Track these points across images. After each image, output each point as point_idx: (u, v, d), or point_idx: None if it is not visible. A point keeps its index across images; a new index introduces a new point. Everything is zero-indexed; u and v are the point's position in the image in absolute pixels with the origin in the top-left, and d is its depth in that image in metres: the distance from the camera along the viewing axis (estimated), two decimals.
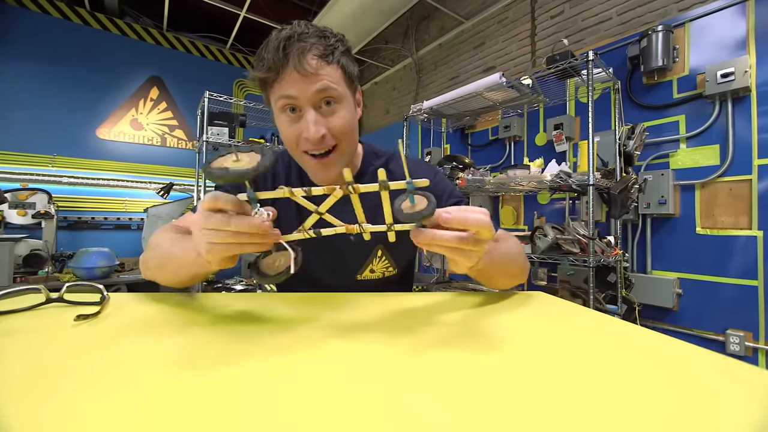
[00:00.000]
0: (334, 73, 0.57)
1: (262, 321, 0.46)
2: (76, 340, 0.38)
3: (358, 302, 0.56)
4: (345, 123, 0.59)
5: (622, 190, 1.40)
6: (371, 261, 0.72)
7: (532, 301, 0.64)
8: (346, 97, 0.59)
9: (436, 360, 0.32)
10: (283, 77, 0.55)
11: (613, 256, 1.46)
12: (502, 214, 2.49)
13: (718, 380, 0.30)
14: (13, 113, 2.58)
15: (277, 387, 0.26)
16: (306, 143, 0.58)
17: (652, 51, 1.69)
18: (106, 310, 0.48)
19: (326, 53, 0.56)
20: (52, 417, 0.22)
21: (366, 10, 3.02)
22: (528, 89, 1.73)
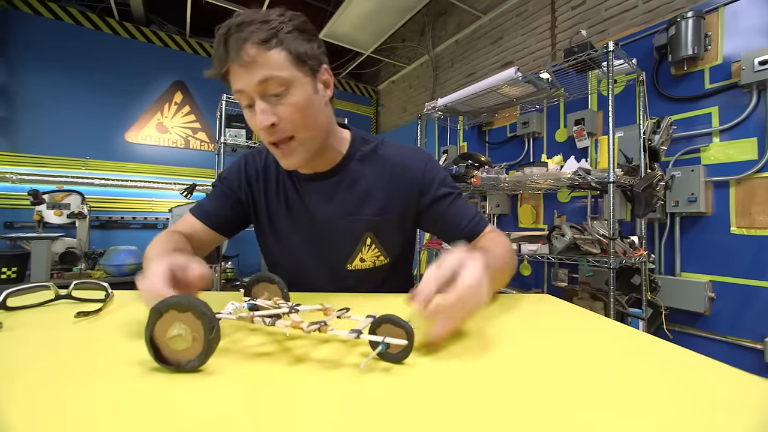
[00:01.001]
0: (276, 58, 0.54)
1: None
2: (73, 336, 0.39)
3: (352, 304, 0.55)
4: (295, 108, 0.57)
5: (646, 187, 1.33)
6: (360, 249, 0.70)
7: (537, 305, 0.61)
8: (296, 81, 0.56)
9: (433, 363, 0.31)
10: (231, 72, 0.54)
11: (636, 257, 1.38)
12: (520, 212, 2.43)
13: (718, 389, 0.28)
14: (50, 120, 2.74)
15: (265, 388, 0.26)
16: (263, 134, 0.58)
17: (681, 39, 1.59)
18: (108, 307, 0.50)
19: (266, 38, 0.53)
20: (31, 409, 0.23)
21: (382, 9, 3.01)
22: (546, 84, 1.67)
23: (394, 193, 0.69)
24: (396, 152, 0.71)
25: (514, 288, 2.28)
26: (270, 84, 0.54)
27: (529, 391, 0.27)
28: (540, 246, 1.51)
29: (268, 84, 0.54)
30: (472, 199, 2.69)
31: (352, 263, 0.71)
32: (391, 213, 0.70)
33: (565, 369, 0.32)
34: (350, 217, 0.69)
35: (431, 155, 0.73)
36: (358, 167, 0.70)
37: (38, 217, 2.50)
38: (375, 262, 0.71)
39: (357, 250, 0.70)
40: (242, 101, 0.57)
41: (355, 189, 0.69)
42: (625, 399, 0.26)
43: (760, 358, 1.41)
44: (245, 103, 0.57)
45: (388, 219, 0.70)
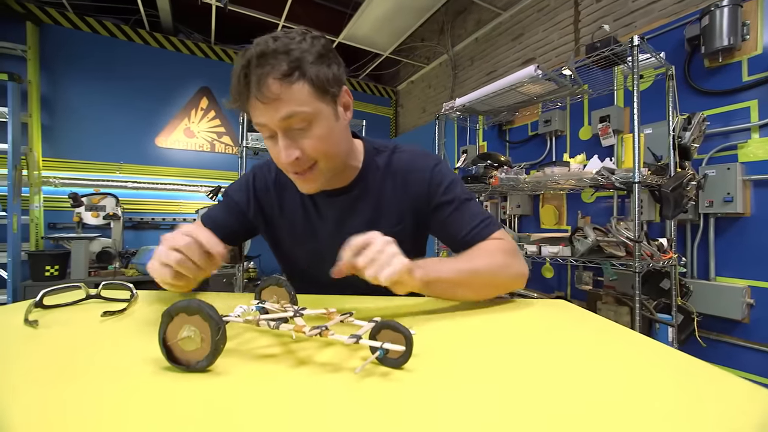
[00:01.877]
0: (300, 93, 0.52)
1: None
2: (98, 334, 0.42)
3: (364, 305, 0.56)
4: (319, 142, 0.57)
5: (675, 187, 1.26)
6: None
7: (549, 310, 0.60)
8: (319, 113, 0.55)
9: (432, 369, 0.31)
10: (250, 105, 0.53)
11: (665, 260, 1.32)
12: (542, 213, 2.36)
13: (733, 404, 0.26)
14: (88, 126, 2.92)
15: (269, 389, 0.27)
16: (286, 167, 0.59)
17: (715, 29, 1.50)
18: (132, 306, 0.53)
19: (288, 73, 0.51)
20: (52, 404, 0.25)
21: (400, 9, 3.01)
22: (568, 80, 1.62)
23: (405, 202, 0.69)
24: (407, 159, 0.71)
25: (536, 290, 2.22)
26: (293, 120, 0.53)
27: (527, 399, 0.27)
28: (562, 248, 1.46)
29: (292, 120, 0.53)
30: (492, 200, 2.65)
31: None
32: (405, 222, 0.70)
33: (567, 378, 0.31)
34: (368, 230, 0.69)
35: (440, 159, 0.72)
36: (374, 179, 0.70)
37: (78, 218, 2.66)
38: None
39: None
40: (264, 133, 0.57)
41: (371, 201, 0.70)
42: (624, 411, 0.25)
43: None
44: (267, 134, 0.57)
45: (403, 229, 0.70)
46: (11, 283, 2.29)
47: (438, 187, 0.68)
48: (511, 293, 0.71)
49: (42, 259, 2.33)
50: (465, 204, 0.68)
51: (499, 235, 0.68)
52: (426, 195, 0.68)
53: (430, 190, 0.68)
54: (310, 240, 0.72)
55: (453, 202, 0.68)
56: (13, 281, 2.29)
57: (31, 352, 0.36)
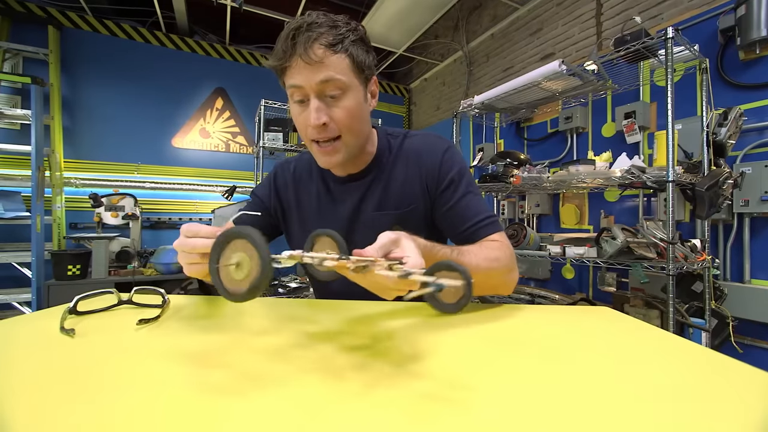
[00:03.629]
0: (340, 63, 0.57)
1: (305, 334, 0.45)
2: (136, 343, 0.41)
3: (398, 314, 0.54)
4: (348, 113, 0.59)
5: (711, 186, 1.21)
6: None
7: (596, 318, 0.57)
8: (352, 86, 0.59)
9: (482, 381, 0.29)
10: (291, 66, 0.56)
11: (698, 262, 1.26)
12: (562, 212, 2.30)
13: None
14: (107, 128, 2.97)
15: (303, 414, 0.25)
16: (311, 131, 0.59)
17: (753, 19, 1.43)
18: (166, 313, 0.52)
19: (334, 42, 0.56)
20: (98, 412, 0.23)
21: (414, 6, 2.97)
22: (593, 76, 1.56)
23: (417, 183, 0.69)
24: (418, 141, 0.72)
25: (557, 291, 2.17)
26: (329, 85, 0.57)
27: (593, 410, 0.24)
28: (587, 249, 1.42)
29: (328, 85, 0.56)
30: (510, 199, 2.59)
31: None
32: (414, 204, 0.69)
33: (631, 389, 0.28)
34: (377, 212, 0.69)
35: (452, 144, 0.72)
36: (387, 163, 0.71)
37: (98, 218, 2.71)
38: None
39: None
40: (295, 96, 0.59)
41: (385, 184, 0.70)
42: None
43: None
44: (298, 98, 0.59)
45: (412, 210, 0.69)
46: (35, 281, 2.34)
47: (448, 172, 0.68)
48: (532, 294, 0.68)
49: (64, 258, 2.37)
50: (472, 196, 0.67)
51: (501, 237, 0.66)
52: (436, 176, 0.68)
53: (441, 171, 0.68)
54: (324, 225, 0.71)
55: (459, 189, 0.67)
56: (37, 280, 2.34)
57: (70, 362, 0.34)
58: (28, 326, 0.48)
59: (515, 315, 0.55)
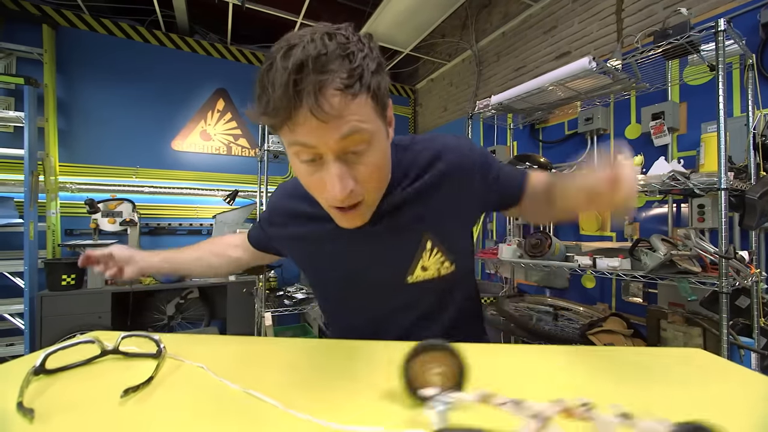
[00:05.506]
0: (363, 108, 0.42)
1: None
2: (117, 427, 0.29)
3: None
4: (376, 168, 0.47)
5: (763, 194, 1.10)
6: (420, 255, 0.58)
7: (690, 364, 0.45)
8: (378, 132, 0.46)
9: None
10: (297, 121, 0.41)
11: (750, 276, 1.15)
12: (582, 219, 2.19)
13: None
14: (104, 131, 2.86)
15: None
16: (332, 200, 0.46)
17: None
18: (161, 370, 0.41)
19: (351, 82, 0.40)
20: None
21: (422, 5, 2.87)
22: (624, 74, 1.45)
23: (456, 196, 0.60)
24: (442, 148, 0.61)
25: (577, 302, 2.05)
26: (352, 141, 0.43)
27: None
28: (621, 261, 1.30)
29: (350, 141, 0.43)
30: None
31: (413, 275, 0.59)
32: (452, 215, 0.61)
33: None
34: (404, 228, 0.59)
35: (472, 143, 0.64)
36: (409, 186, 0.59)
37: (94, 225, 2.60)
38: (440, 270, 0.59)
39: (417, 257, 0.58)
40: (302, 156, 0.44)
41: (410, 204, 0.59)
42: None
43: None
44: (307, 157, 0.44)
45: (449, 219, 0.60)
46: (28, 292, 2.22)
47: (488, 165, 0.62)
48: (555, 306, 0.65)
49: (59, 267, 2.26)
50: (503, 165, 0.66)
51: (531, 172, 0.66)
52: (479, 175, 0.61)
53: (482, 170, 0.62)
54: (339, 252, 0.63)
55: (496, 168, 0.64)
56: (29, 290, 2.23)
57: None
58: None
59: (589, 361, 0.43)
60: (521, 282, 2.55)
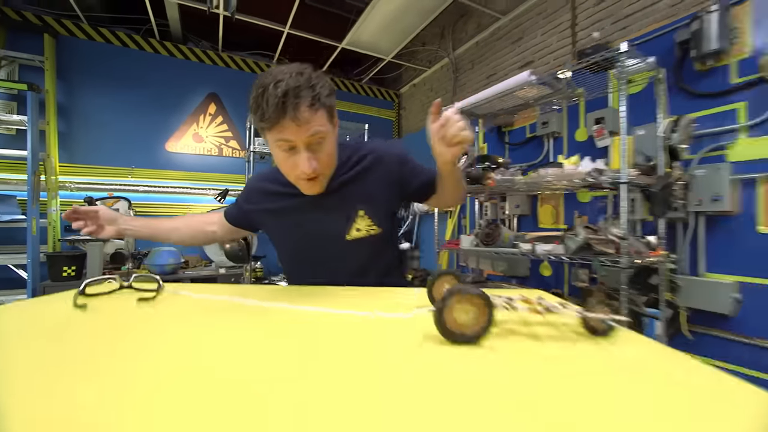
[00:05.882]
0: (321, 117, 0.70)
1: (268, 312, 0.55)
2: (137, 317, 0.50)
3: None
4: (329, 155, 0.76)
5: (663, 187, 1.32)
6: (355, 220, 0.83)
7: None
8: (330, 132, 0.74)
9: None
10: (283, 125, 0.67)
11: (653, 257, 1.37)
12: (540, 213, 2.42)
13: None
14: (101, 133, 3.04)
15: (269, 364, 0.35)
16: (301, 174, 0.73)
17: (705, 33, 1.56)
18: (161, 295, 0.61)
19: (314, 102, 0.67)
20: (111, 375, 0.33)
21: (402, 14, 3.08)
22: (563, 84, 1.68)
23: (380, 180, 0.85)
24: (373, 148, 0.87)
25: (534, 288, 2.28)
26: (315, 137, 0.70)
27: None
28: (555, 246, 1.53)
29: (314, 137, 0.70)
30: (492, 200, 2.71)
31: (350, 234, 0.83)
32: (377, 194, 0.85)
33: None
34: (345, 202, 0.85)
35: (398, 144, 0.89)
36: (347, 171, 0.85)
37: None
38: (369, 231, 0.84)
39: (352, 222, 0.84)
40: (283, 147, 0.71)
41: (363, 190, 0.85)
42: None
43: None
44: (286, 148, 0.71)
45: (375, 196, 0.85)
46: (30, 283, 2.40)
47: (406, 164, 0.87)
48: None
49: (60, 260, 2.44)
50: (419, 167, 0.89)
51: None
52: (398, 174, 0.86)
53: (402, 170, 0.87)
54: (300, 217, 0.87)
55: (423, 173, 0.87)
56: (32, 281, 2.40)
57: (84, 329, 0.44)
58: (46, 304, 0.57)
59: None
60: (490, 273, 2.77)
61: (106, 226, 0.85)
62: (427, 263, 3.76)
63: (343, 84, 4.27)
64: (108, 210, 0.86)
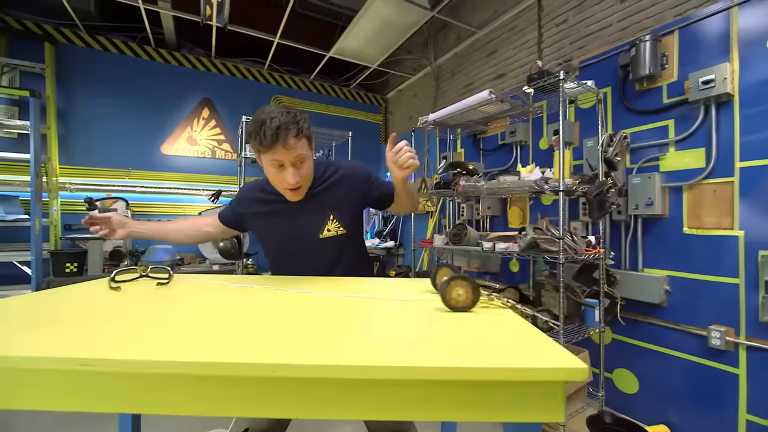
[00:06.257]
0: (303, 144, 0.95)
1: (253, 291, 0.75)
2: (159, 295, 0.70)
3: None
4: (309, 171, 1.00)
5: (597, 194, 1.55)
6: (326, 222, 1.06)
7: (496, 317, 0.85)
8: (309, 156, 0.99)
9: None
10: (275, 150, 0.92)
11: (591, 254, 1.60)
12: (509, 214, 2.65)
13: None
14: (100, 136, 3.20)
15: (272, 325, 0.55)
16: (288, 185, 0.96)
17: (640, 59, 1.79)
18: (172, 281, 0.82)
19: (298, 133, 0.93)
20: (140, 325, 0.52)
21: (386, 26, 3.28)
22: (520, 101, 1.90)
23: (347, 192, 1.08)
24: (342, 166, 1.11)
25: (504, 283, 2.51)
26: (298, 158, 0.94)
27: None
28: (511, 244, 1.75)
29: (297, 158, 0.94)
30: (468, 202, 2.93)
31: (323, 234, 1.06)
32: (344, 202, 1.08)
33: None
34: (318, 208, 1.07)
35: (363, 165, 1.13)
36: (320, 185, 1.08)
37: None
38: (337, 232, 1.07)
39: (324, 224, 1.06)
40: (274, 164, 0.94)
41: (323, 194, 1.07)
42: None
43: (705, 343, 1.61)
44: (277, 165, 0.94)
45: (342, 204, 1.08)
46: (35, 279, 2.56)
47: (369, 180, 1.10)
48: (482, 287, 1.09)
49: (62, 257, 2.60)
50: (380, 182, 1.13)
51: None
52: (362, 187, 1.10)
53: (366, 184, 1.10)
54: (283, 223, 1.09)
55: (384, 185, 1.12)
56: (36, 277, 2.56)
57: (122, 301, 0.64)
58: (88, 287, 0.77)
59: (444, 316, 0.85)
60: (466, 269, 3.00)
61: (117, 229, 1.07)
62: (409, 260, 3.99)
63: (332, 89, 4.46)
64: (119, 216, 1.08)
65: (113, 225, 1.06)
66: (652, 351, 1.80)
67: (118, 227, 1.07)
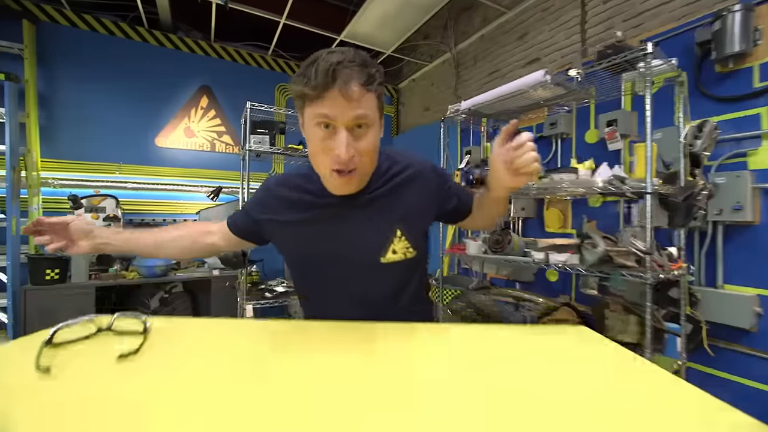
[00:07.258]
0: (371, 101, 0.62)
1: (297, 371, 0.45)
2: (116, 382, 0.40)
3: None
4: (371, 146, 0.65)
5: (687, 197, 1.25)
6: (392, 240, 0.73)
7: (571, 339, 0.58)
8: (376, 122, 0.65)
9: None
10: (326, 97, 0.59)
11: (674, 270, 1.31)
12: (547, 216, 2.35)
13: None
14: (86, 127, 2.88)
15: None
16: (334, 162, 0.63)
17: (727, 34, 1.48)
18: (148, 341, 0.51)
19: (369, 82, 0.61)
20: None
21: (403, 6, 2.96)
22: (576, 84, 1.59)
23: (420, 197, 0.76)
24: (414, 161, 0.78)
25: (540, 294, 2.21)
26: (360, 119, 0.61)
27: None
28: (569, 256, 1.45)
29: (359, 120, 0.61)
30: None
31: (386, 256, 0.73)
32: (416, 212, 0.76)
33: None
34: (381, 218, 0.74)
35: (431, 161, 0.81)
36: (380, 180, 0.75)
37: None
38: (405, 254, 0.74)
39: (389, 242, 0.73)
40: (321, 124, 0.62)
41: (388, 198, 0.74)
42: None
43: None
44: (324, 125, 0.61)
45: (414, 214, 0.76)
46: (11, 287, 2.27)
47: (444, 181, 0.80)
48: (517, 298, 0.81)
49: (42, 262, 2.31)
50: (455, 183, 0.84)
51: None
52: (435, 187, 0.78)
53: (439, 184, 0.79)
54: (323, 234, 0.75)
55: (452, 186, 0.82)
56: (12, 285, 2.27)
57: (49, 408, 0.34)
58: (4, 360, 0.47)
59: (492, 335, 0.56)
60: (494, 276, 2.70)
61: (79, 241, 0.71)
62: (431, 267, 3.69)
63: None
64: (80, 222, 0.72)
65: (72, 235, 0.71)
66: (737, 384, 1.51)
67: (79, 237, 0.71)
